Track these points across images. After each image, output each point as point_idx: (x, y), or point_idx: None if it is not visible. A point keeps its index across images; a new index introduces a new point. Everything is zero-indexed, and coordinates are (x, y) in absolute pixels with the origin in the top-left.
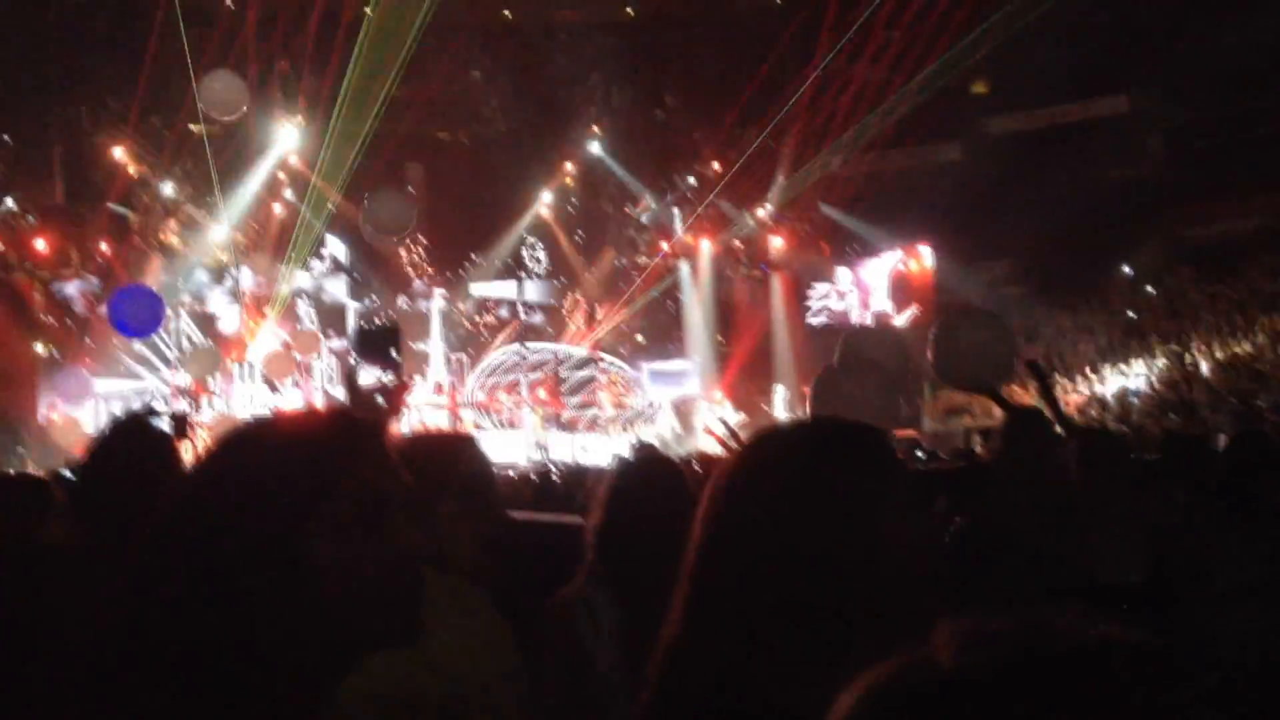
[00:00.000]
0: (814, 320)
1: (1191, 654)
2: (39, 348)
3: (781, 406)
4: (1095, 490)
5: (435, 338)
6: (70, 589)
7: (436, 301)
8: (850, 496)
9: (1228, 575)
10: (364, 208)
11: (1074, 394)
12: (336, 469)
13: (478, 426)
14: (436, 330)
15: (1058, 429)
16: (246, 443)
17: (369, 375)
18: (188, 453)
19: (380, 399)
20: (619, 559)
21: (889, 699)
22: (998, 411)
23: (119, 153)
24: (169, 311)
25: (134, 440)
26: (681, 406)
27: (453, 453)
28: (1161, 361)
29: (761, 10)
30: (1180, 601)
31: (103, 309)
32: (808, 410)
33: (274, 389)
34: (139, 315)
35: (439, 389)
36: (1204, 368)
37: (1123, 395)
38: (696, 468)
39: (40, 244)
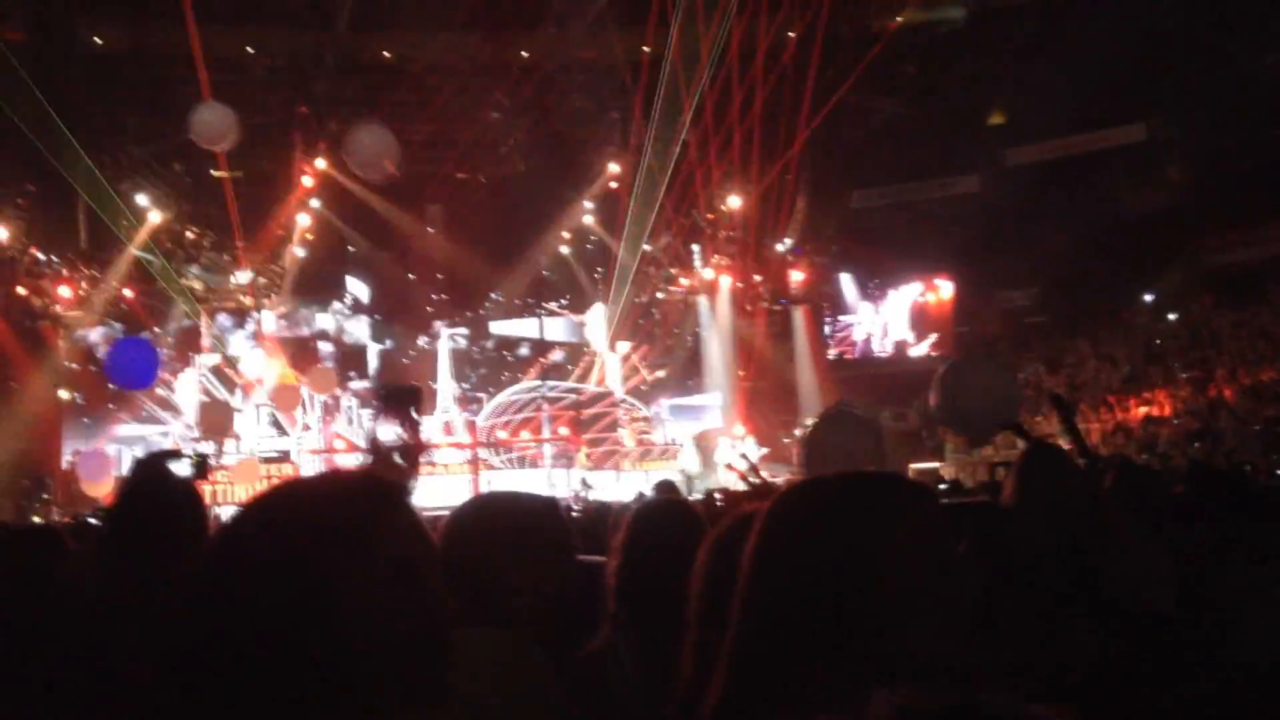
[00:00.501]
0: (834, 353)
1: (1214, 683)
2: (63, 394)
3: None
4: (1123, 522)
5: (444, 376)
6: (81, 636)
7: (444, 340)
8: (894, 551)
9: (1249, 606)
10: (345, 144)
11: (1097, 423)
12: (367, 532)
13: (489, 465)
14: (445, 368)
15: (1079, 462)
16: (280, 504)
17: (389, 433)
18: (208, 494)
19: (399, 457)
20: (639, 605)
21: None
22: (1021, 443)
23: (142, 199)
24: (193, 356)
25: (158, 487)
26: (703, 442)
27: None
28: (1186, 390)
29: (778, 45)
30: (1206, 632)
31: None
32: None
33: (280, 429)
34: (134, 367)
35: (448, 429)
36: (1228, 395)
37: (1147, 425)
38: (719, 503)
39: (64, 290)
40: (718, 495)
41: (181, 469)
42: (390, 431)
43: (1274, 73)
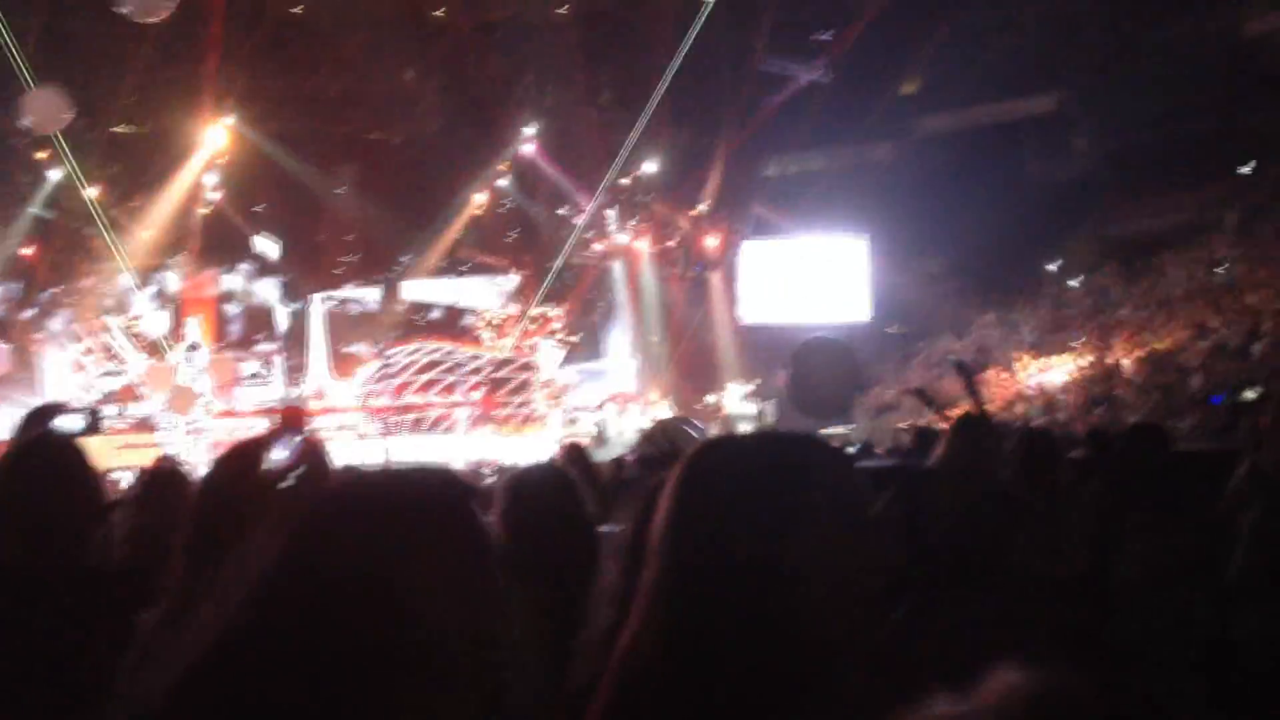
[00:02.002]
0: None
1: (1127, 643)
2: None
3: (737, 403)
4: (1031, 487)
5: (316, 342)
6: None
7: (316, 305)
8: (804, 511)
9: (1145, 564)
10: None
11: (1000, 389)
12: (431, 528)
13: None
14: (318, 334)
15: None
16: (352, 507)
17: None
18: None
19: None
20: (525, 575)
21: None
22: (926, 410)
23: (42, 156)
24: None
25: (43, 443)
26: (619, 406)
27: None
28: (1086, 357)
29: (694, 8)
30: (1112, 592)
31: (25, 313)
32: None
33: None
34: None
35: (319, 394)
36: (1125, 363)
37: (1047, 390)
38: (629, 464)
39: None
40: (628, 457)
41: (73, 424)
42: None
43: (1180, 47)
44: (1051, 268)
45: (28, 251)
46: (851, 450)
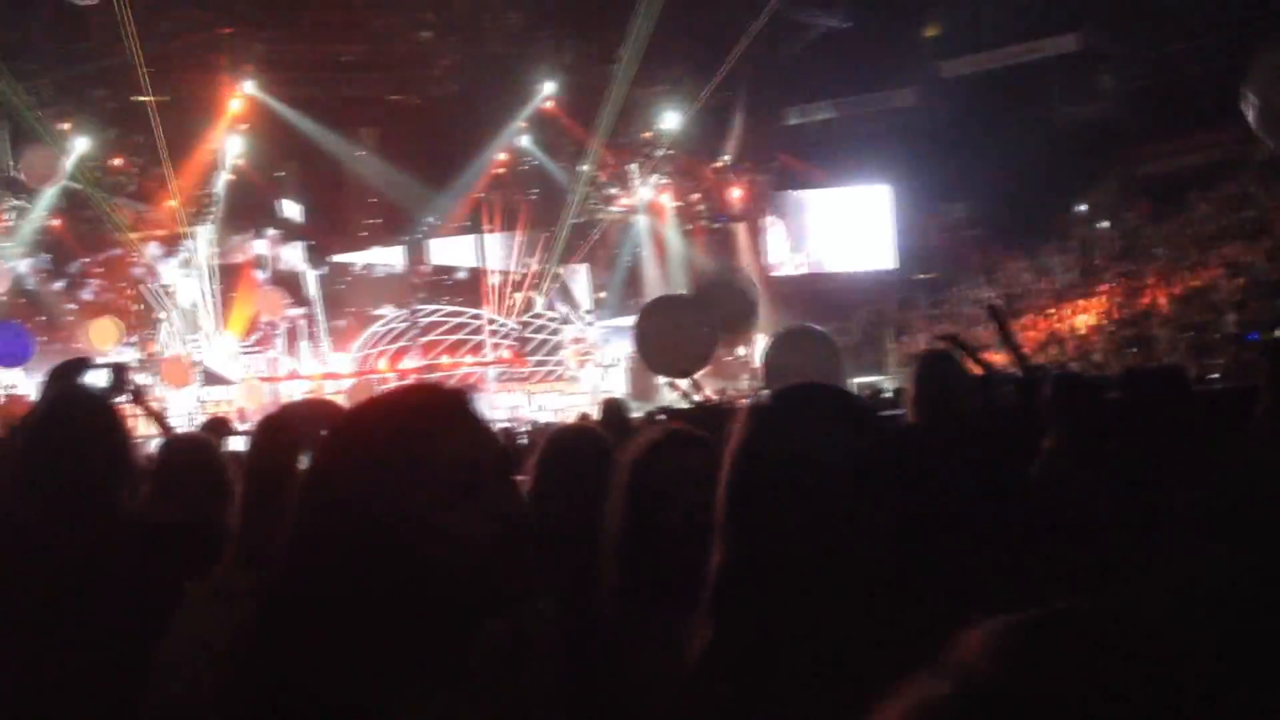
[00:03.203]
0: (775, 270)
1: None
2: None
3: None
4: (1065, 429)
5: (317, 305)
6: (16, 558)
7: (310, 276)
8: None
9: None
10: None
11: (1033, 333)
12: (429, 441)
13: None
14: (315, 296)
15: (1016, 371)
16: (349, 427)
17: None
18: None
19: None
20: (547, 550)
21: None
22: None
23: (67, 128)
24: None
25: (71, 403)
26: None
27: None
28: (1118, 298)
29: None
30: (1151, 535)
31: (55, 285)
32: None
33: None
34: (11, 349)
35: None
36: (1160, 302)
37: (1081, 333)
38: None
39: None
40: (659, 415)
41: (98, 380)
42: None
43: None
44: (1080, 209)
45: (55, 223)
46: (886, 396)
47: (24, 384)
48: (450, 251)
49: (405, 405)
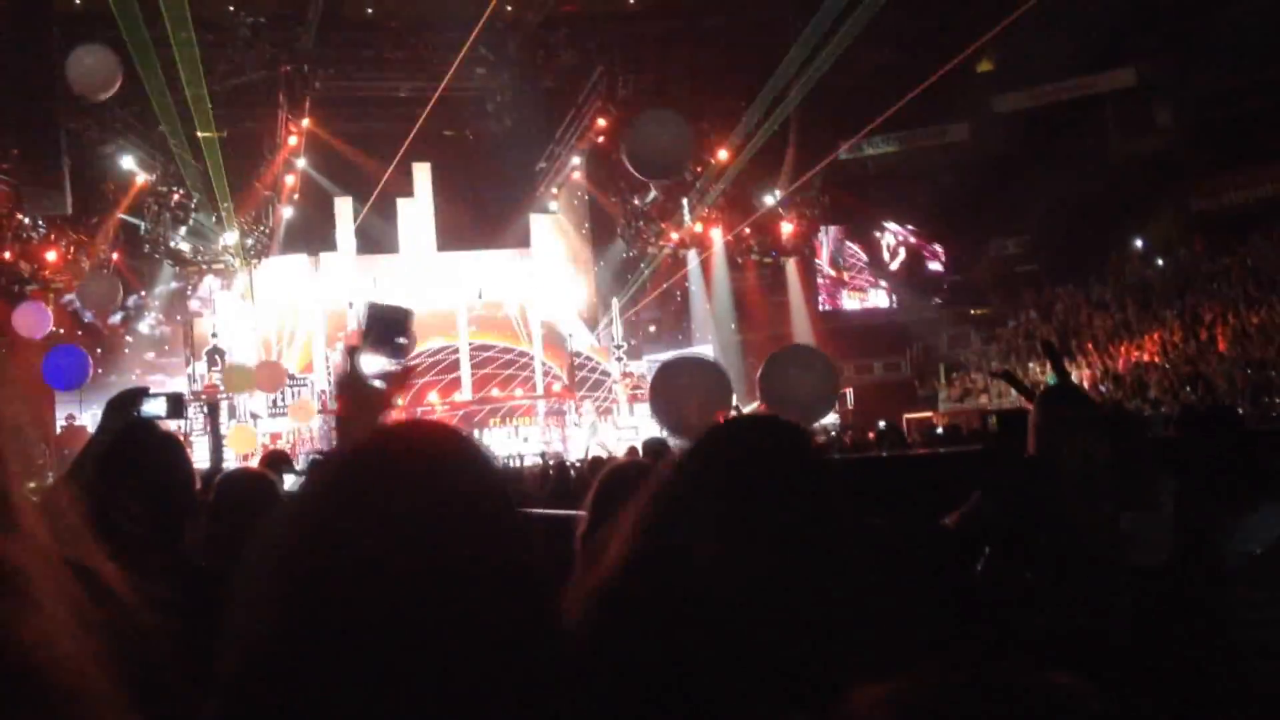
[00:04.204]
0: (826, 305)
1: (1209, 633)
2: None
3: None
4: (1119, 471)
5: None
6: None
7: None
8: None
9: (1235, 553)
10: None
11: (1088, 370)
12: (436, 470)
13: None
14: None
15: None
16: (369, 453)
17: (374, 359)
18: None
19: (382, 382)
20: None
21: None
22: (1014, 393)
23: (127, 162)
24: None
25: (135, 434)
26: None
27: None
28: (1175, 335)
29: None
30: (1199, 582)
31: (114, 318)
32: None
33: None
34: (69, 371)
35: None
36: (1218, 339)
37: (1137, 370)
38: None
39: (52, 255)
40: None
41: (157, 409)
42: (376, 358)
43: (1262, 17)
44: (1136, 244)
45: (114, 256)
46: (939, 433)
47: (75, 410)
48: (501, 284)
49: (414, 441)
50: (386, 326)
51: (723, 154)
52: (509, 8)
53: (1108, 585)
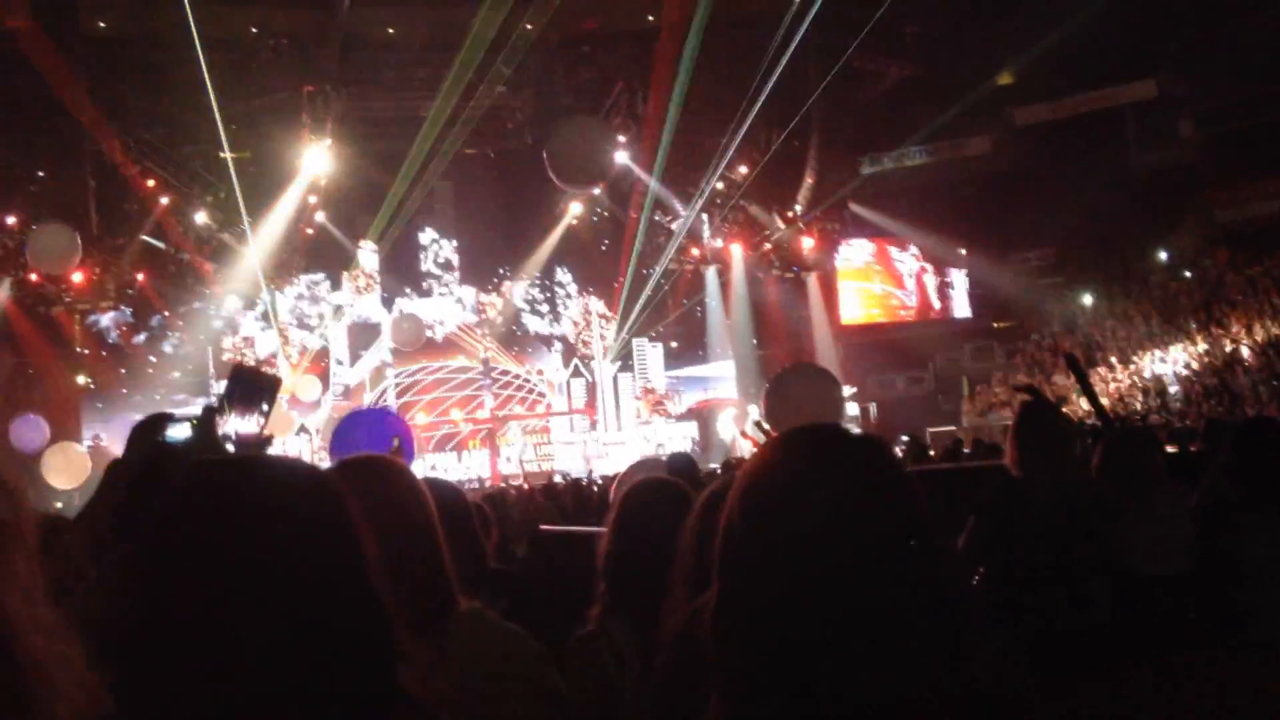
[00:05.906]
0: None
1: (1233, 641)
2: (80, 379)
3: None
4: (1132, 484)
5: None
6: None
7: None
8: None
9: (1258, 561)
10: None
11: (1114, 383)
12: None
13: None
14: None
15: (1093, 422)
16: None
17: (235, 424)
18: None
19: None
20: (629, 587)
21: None
22: None
23: (152, 184)
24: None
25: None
26: (704, 413)
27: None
28: (1201, 346)
29: (781, 10)
30: (1222, 590)
31: (137, 338)
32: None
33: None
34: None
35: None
36: (1244, 351)
37: (1162, 383)
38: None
39: (77, 277)
40: (731, 464)
41: (183, 434)
42: (238, 419)
43: None
44: (1160, 256)
45: (139, 277)
46: (967, 451)
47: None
48: (521, 302)
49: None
50: (250, 391)
51: (742, 169)
52: (529, 26)
53: (1094, 595)
